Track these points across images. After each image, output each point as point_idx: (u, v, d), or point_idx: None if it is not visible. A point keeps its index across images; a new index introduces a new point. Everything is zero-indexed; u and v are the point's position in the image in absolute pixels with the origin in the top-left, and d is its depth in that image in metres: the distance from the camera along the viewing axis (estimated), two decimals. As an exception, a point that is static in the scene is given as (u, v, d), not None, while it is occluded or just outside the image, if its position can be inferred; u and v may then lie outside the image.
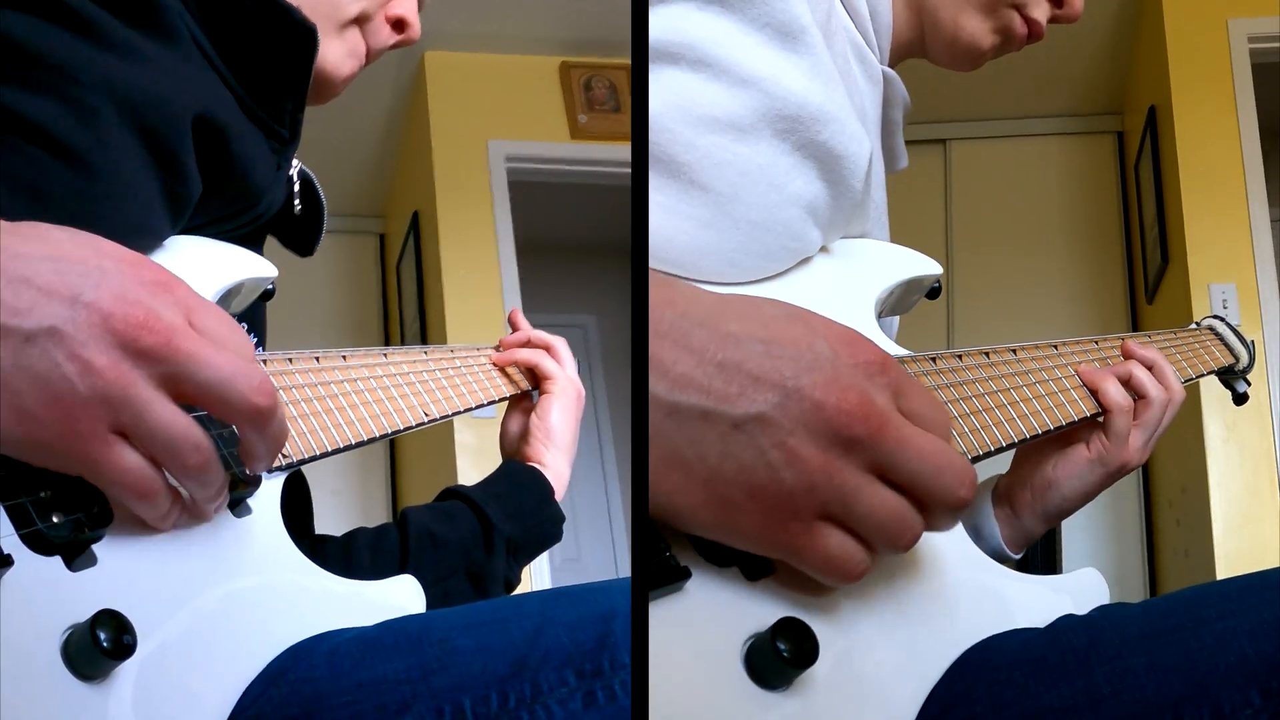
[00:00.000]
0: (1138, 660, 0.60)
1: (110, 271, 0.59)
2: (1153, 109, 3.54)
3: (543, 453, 1.11)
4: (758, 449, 0.57)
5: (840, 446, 0.58)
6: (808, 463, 0.58)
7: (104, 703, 0.59)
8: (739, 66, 0.78)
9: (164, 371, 0.59)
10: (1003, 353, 0.92)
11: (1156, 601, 0.67)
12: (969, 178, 4.18)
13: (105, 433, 0.59)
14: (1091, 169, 4.15)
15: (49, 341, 0.56)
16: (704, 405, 0.58)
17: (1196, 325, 1.23)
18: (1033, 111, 4.15)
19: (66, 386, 0.57)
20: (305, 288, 4.14)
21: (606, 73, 3.74)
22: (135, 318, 0.58)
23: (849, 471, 0.59)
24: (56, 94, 0.70)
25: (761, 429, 0.57)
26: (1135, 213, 3.86)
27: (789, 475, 0.57)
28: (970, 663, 0.67)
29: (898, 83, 1.00)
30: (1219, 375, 1.21)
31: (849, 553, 0.60)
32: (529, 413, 1.13)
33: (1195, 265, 3.19)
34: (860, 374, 0.60)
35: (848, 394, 0.58)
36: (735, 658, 0.60)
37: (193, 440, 0.61)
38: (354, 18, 0.94)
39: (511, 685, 0.62)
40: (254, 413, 0.63)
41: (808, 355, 0.59)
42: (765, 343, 0.59)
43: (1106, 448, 0.97)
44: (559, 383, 1.14)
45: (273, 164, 0.88)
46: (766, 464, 0.57)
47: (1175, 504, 3.47)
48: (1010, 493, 1.01)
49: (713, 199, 0.77)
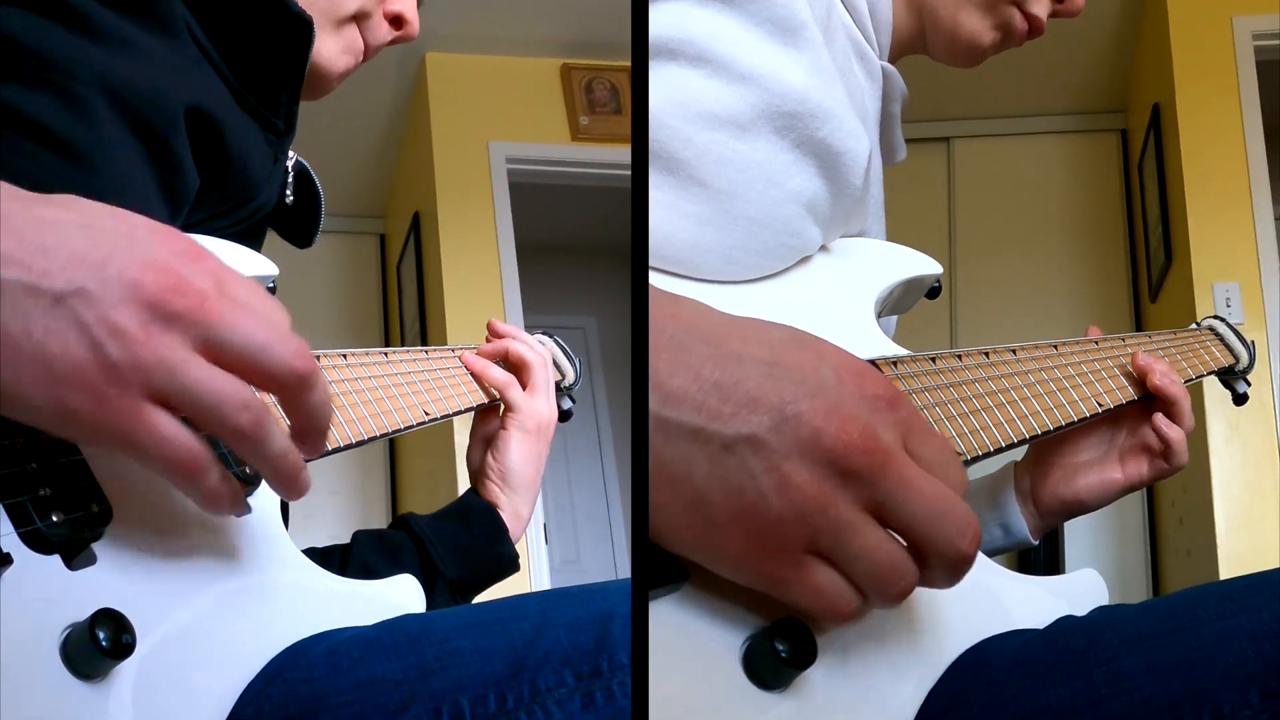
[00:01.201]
0: (1135, 661, 0.60)
1: (141, 239, 0.57)
2: (1156, 107, 3.53)
3: (498, 494, 1.06)
4: (748, 472, 0.54)
5: (838, 478, 0.55)
6: (801, 490, 0.54)
7: (104, 702, 0.59)
8: (738, 63, 0.78)
9: (198, 335, 0.57)
10: (1002, 353, 0.92)
11: (1156, 602, 0.67)
12: (972, 176, 4.18)
13: (139, 399, 0.56)
14: (1095, 167, 4.15)
15: (79, 303, 0.54)
16: (695, 423, 0.55)
17: (1197, 325, 1.24)
18: (1036, 109, 4.15)
19: (97, 350, 0.54)
20: (305, 287, 4.14)
21: (607, 75, 3.74)
22: (166, 282, 0.56)
23: (844, 505, 0.55)
24: (52, 89, 0.69)
25: (753, 451, 0.54)
26: (1139, 211, 3.86)
27: (779, 502, 0.54)
28: (968, 664, 0.67)
29: (896, 77, 1.00)
30: (1219, 376, 1.21)
31: (839, 590, 0.57)
32: (489, 442, 1.08)
33: (1199, 264, 3.19)
34: (866, 407, 0.57)
35: (850, 424, 0.55)
36: (733, 658, 0.60)
37: (241, 397, 0.58)
38: (352, 14, 0.94)
39: (510, 686, 0.62)
40: (294, 377, 0.60)
41: (812, 380, 0.56)
42: (768, 364, 0.56)
43: (1171, 464, 1.01)
44: (518, 417, 1.08)
45: (269, 156, 0.88)
46: (756, 489, 0.54)
47: (1178, 503, 3.47)
48: (1036, 492, 1.03)
49: (712, 196, 0.77)
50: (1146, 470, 1.01)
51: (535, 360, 1.10)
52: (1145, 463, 1.01)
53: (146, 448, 0.57)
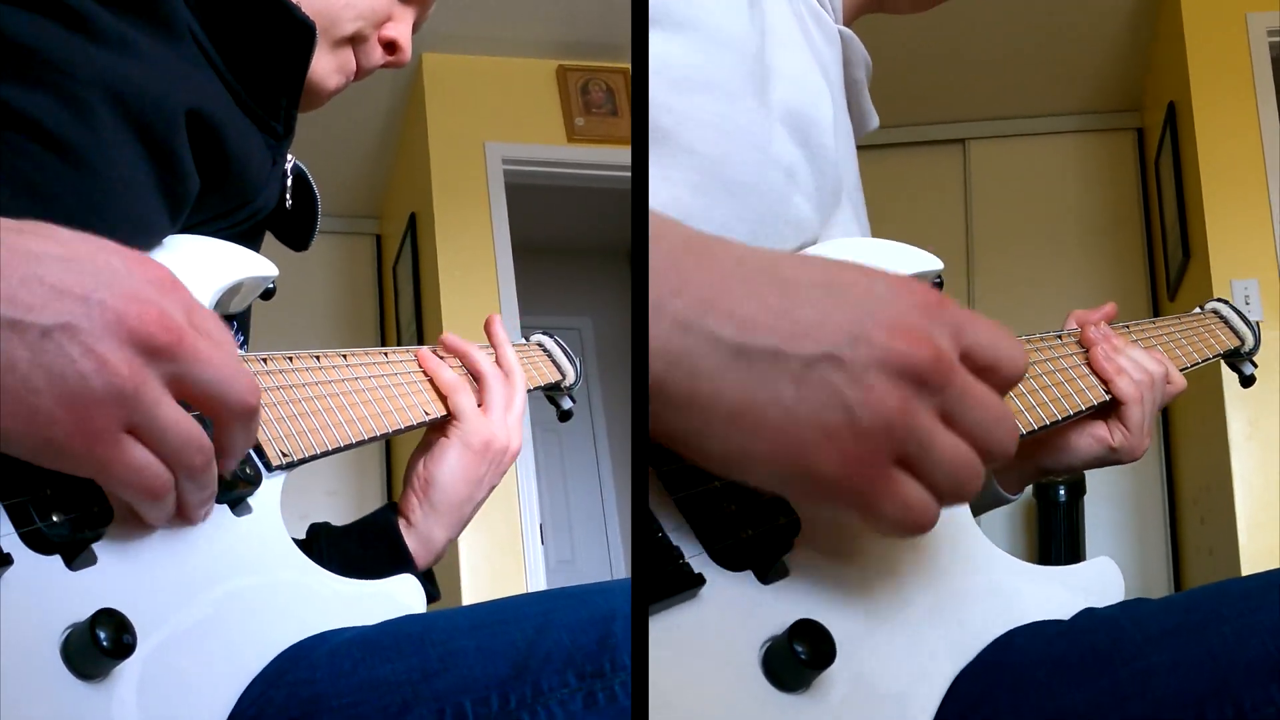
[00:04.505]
0: (1161, 658, 0.60)
1: (120, 271, 0.58)
2: (1172, 105, 3.51)
3: (415, 508, 0.94)
4: (832, 388, 0.55)
5: (913, 388, 0.56)
6: (884, 402, 0.55)
7: (105, 702, 0.59)
8: (714, 27, 0.78)
9: (171, 370, 0.59)
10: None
11: (1178, 598, 0.67)
12: (988, 177, 4.16)
13: (118, 431, 0.58)
14: (1111, 166, 4.13)
15: (64, 337, 0.55)
16: (774, 345, 0.55)
17: (1200, 310, 1.25)
18: (1052, 109, 4.13)
19: (82, 383, 0.56)
20: (302, 288, 4.14)
21: (603, 76, 3.74)
22: (149, 315, 0.58)
23: (923, 414, 0.56)
24: (53, 90, 0.69)
25: (834, 368, 0.55)
26: (1156, 209, 3.83)
27: (866, 416, 0.55)
28: (990, 662, 0.67)
29: (855, 42, 0.99)
30: (1225, 359, 1.22)
31: (925, 502, 0.58)
32: (426, 449, 0.96)
33: (1217, 261, 3.16)
34: (922, 315, 0.58)
35: (914, 337, 0.56)
36: (753, 661, 0.60)
37: (198, 441, 0.62)
38: (349, 36, 0.95)
39: (512, 686, 0.62)
40: (247, 412, 0.64)
41: (868, 298, 0.57)
42: (824, 286, 0.57)
43: (1127, 437, 1.01)
44: (462, 427, 0.95)
45: (268, 159, 0.89)
46: (843, 405, 0.55)
47: (1199, 502, 3.45)
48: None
49: (700, 161, 0.76)
50: (1101, 455, 1.03)
51: (490, 374, 0.99)
52: (1102, 448, 1.02)
53: (121, 477, 0.60)
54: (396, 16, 0.98)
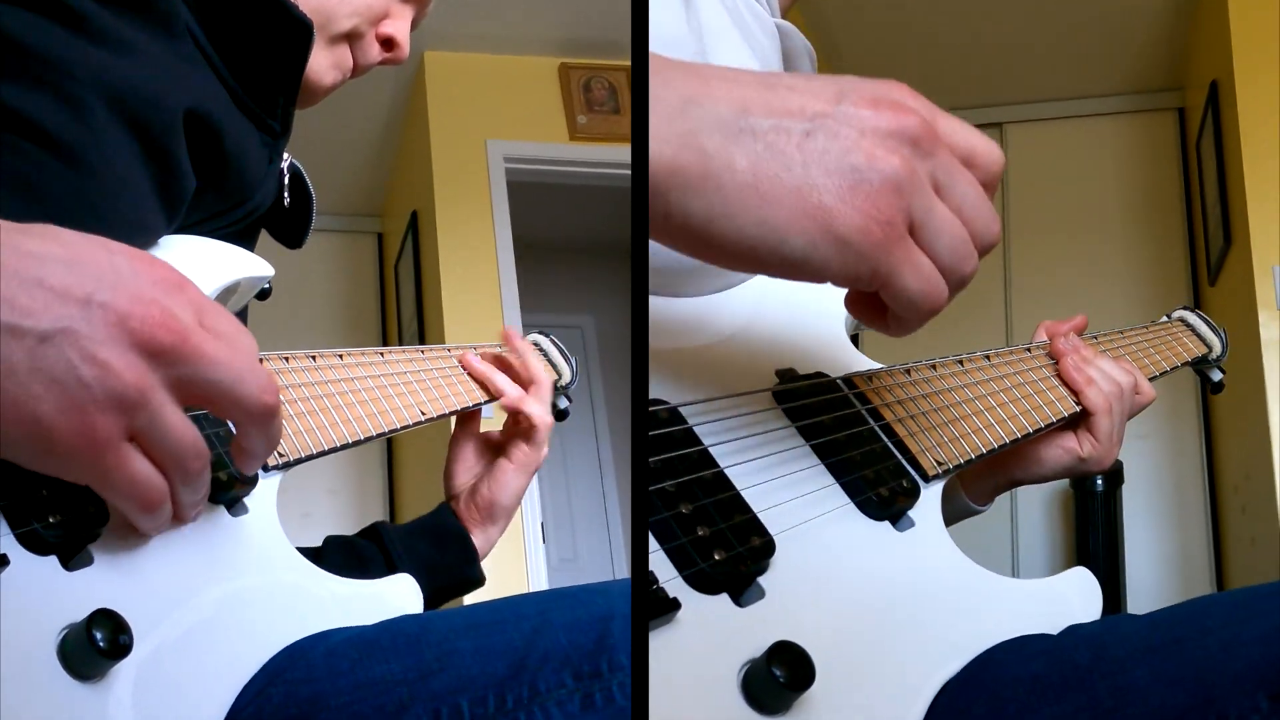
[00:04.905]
0: (1141, 673, 0.60)
1: (124, 271, 0.57)
2: (1214, 84, 3.39)
3: (477, 526, 1.04)
4: (836, 148, 0.56)
5: (909, 148, 0.57)
6: (888, 161, 0.57)
7: (102, 703, 0.59)
8: (660, 26, 0.77)
9: (177, 373, 0.58)
10: (977, 360, 0.92)
11: (1163, 613, 0.67)
12: (1027, 161, 4.09)
13: (120, 440, 0.57)
14: (1151, 148, 4.05)
15: (64, 342, 0.54)
16: (773, 122, 0.56)
17: (1168, 318, 1.26)
18: (1090, 91, 4.06)
19: (84, 391, 0.55)
20: (303, 287, 4.14)
21: (606, 74, 3.73)
22: (153, 317, 0.57)
23: (923, 176, 0.58)
24: (50, 89, 0.69)
25: (828, 137, 0.57)
26: (1197, 192, 3.74)
27: (875, 176, 0.56)
28: (971, 680, 0.66)
29: (794, 34, 0.98)
30: (1193, 366, 1.23)
31: (937, 275, 0.59)
32: (481, 460, 1.06)
33: (1259, 246, 3.06)
34: (902, 91, 0.59)
35: (900, 107, 0.58)
36: (732, 685, 0.59)
37: (197, 447, 0.60)
38: (345, 32, 0.95)
39: (509, 687, 0.62)
40: (264, 412, 0.62)
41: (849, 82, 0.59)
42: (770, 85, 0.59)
43: (1096, 447, 1.00)
44: (533, 455, 1.05)
45: (265, 158, 0.88)
46: (850, 166, 0.56)
47: (1240, 490, 3.38)
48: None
49: None
50: (1070, 465, 1.02)
51: (543, 380, 1.07)
52: (1071, 458, 1.01)
53: (119, 489, 0.59)
54: (394, 13, 0.98)
